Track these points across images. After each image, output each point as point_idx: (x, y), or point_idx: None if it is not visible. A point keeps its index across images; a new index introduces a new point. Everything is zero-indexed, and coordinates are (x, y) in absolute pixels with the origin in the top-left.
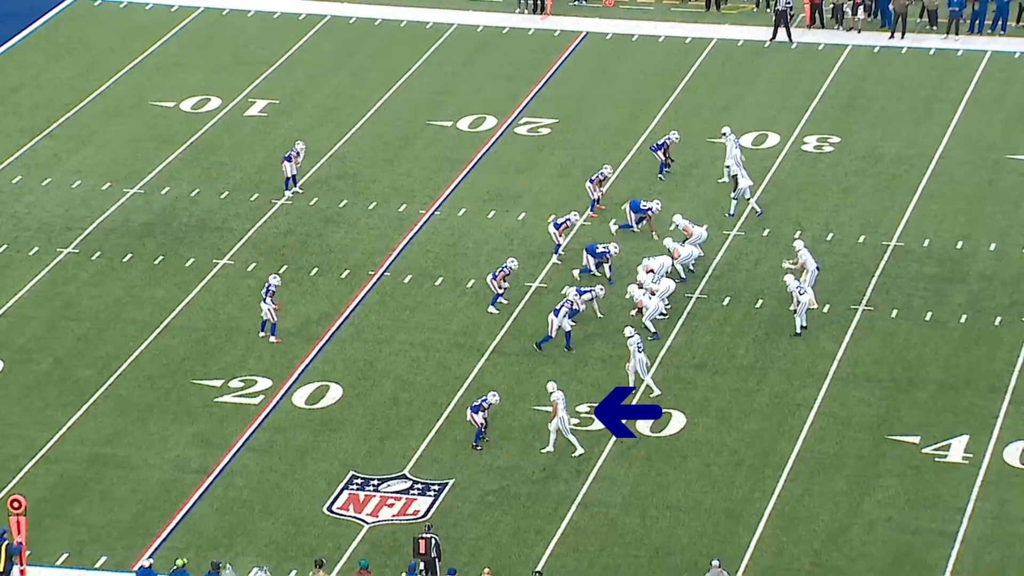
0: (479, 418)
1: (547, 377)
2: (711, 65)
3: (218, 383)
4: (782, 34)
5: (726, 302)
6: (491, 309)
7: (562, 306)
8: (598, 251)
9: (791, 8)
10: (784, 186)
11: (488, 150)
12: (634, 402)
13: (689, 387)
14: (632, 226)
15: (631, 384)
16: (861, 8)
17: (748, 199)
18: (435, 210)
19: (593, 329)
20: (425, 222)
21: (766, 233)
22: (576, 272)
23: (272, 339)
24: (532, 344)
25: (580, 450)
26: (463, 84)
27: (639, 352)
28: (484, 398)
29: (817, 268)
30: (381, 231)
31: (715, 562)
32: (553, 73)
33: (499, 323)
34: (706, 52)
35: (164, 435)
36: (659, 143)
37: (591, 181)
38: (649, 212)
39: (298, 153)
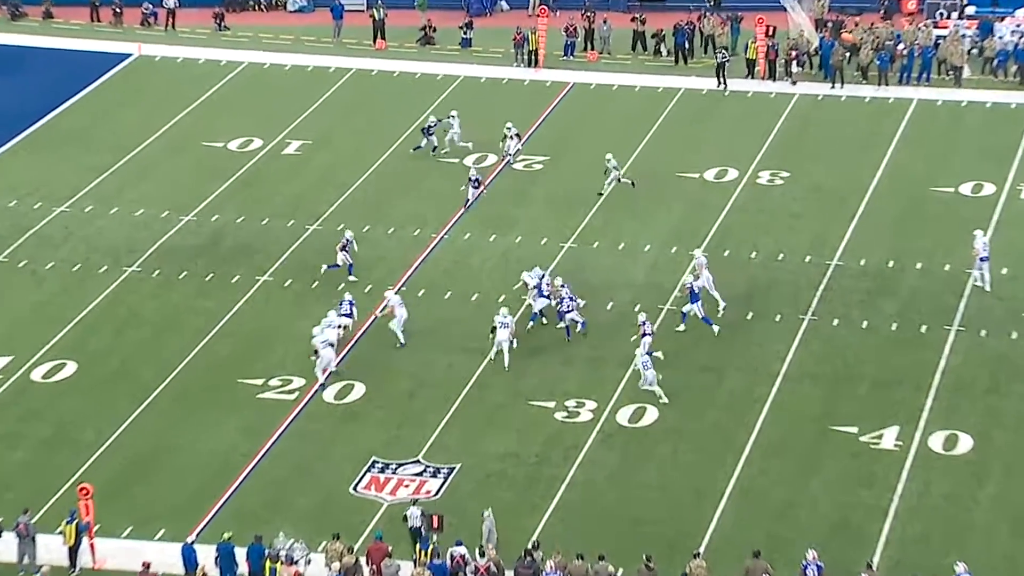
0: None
1: (537, 377)
2: (679, 110)
3: (259, 381)
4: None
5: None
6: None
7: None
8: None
9: (727, 61)
10: (742, 213)
11: (490, 183)
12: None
13: (661, 384)
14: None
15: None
16: (795, 63)
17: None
18: (445, 233)
19: (581, 340)
20: (436, 244)
21: (726, 253)
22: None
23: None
24: (525, 350)
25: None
26: (468, 127)
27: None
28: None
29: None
30: (399, 252)
31: (485, 513)
32: (545, 117)
33: None
34: (675, 99)
35: (215, 425)
36: (430, 127)
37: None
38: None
39: None
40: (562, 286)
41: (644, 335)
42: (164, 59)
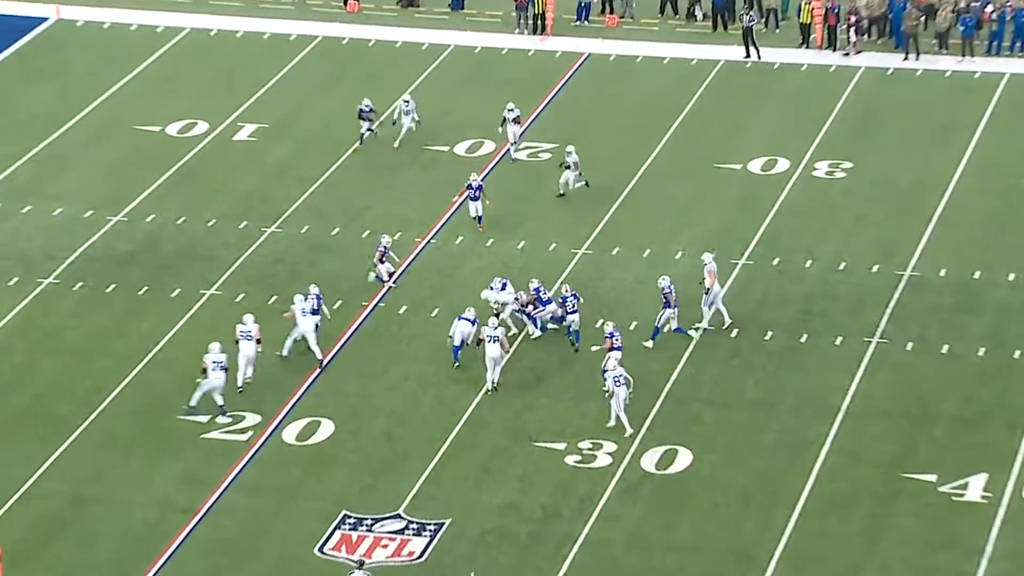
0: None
1: (545, 411)
2: (718, 87)
3: (204, 419)
4: (753, 52)
5: (734, 334)
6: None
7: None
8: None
9: (755, 23)
10: (795, 213)
11: (486, 176)
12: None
13: (695, 422)
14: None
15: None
16: (854, 31)
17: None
18: (431, 238)
19: (596, 364)
20: (421, 250)
21: (776, 262)
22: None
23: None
24: (529, 378)
25: None
26: (460, 107)
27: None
28: None
29: None
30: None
31: None
32: (554, 96)
33: None
34: (713, 74)
35: (148, 473)
36: (367, 111)
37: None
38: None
39: None
40: (536, 289)
41: (612, 348)
42: (88, 24)
